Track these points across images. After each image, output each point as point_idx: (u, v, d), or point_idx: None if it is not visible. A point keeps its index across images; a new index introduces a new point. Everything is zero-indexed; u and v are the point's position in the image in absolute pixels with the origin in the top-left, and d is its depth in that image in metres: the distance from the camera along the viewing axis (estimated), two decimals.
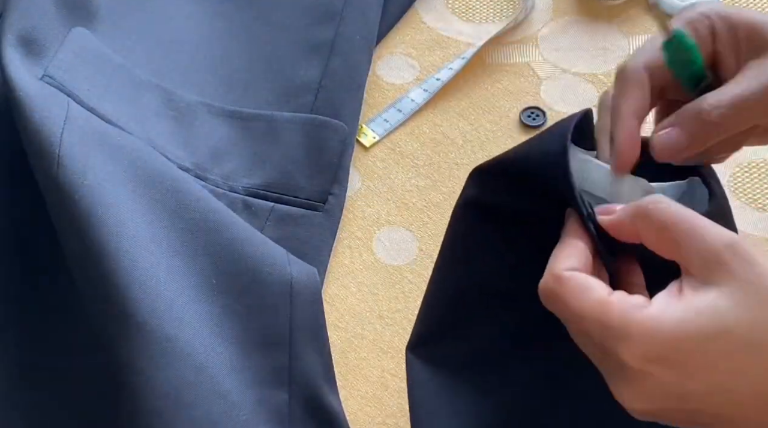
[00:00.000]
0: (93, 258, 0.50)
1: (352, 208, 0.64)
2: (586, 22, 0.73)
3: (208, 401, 0.48)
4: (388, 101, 0.69)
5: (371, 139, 0.67)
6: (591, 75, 0.70)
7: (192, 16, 0.70)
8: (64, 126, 0.54)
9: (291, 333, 0.53)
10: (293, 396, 0.52)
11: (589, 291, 0.41)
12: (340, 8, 0.70)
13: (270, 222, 0.61)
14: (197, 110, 0.64)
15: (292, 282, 0.54)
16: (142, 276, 0.50)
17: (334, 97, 0.66)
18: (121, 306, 0.49)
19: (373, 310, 0.59)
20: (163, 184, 0.55)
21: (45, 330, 0.56)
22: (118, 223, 0.51)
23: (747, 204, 0.62)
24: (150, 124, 0.61)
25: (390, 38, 0.72)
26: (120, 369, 0.49)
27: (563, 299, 0.42)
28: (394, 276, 0.61)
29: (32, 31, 0.59)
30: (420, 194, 0.64)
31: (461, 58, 0.70)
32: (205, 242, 0.53)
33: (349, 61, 0.67)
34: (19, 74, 0.56)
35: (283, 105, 0.66)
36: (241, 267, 0.53)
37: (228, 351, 0.51)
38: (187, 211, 0.54)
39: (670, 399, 0.40)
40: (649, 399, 0.41)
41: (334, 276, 0.61)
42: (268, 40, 0.69)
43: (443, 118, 0.68)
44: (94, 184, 0.52)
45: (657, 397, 0.40)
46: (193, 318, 0.50)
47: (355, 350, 0.58)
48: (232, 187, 0.61)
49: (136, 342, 0.48)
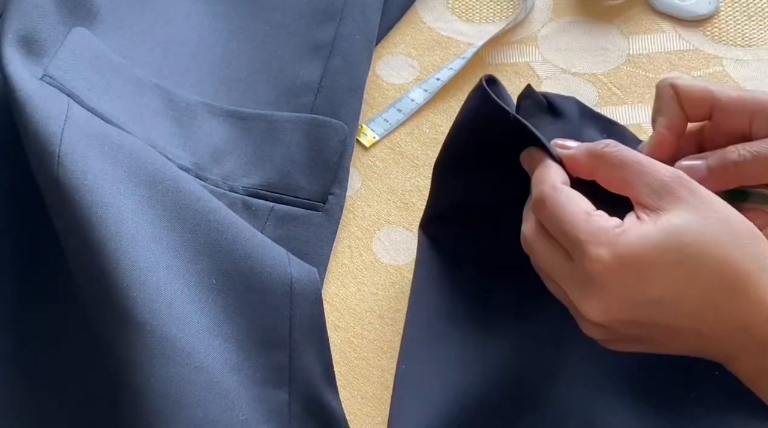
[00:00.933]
0: (93, 258, 0.50)
1: (352, 208, 0.64)
2: (586, 22, 0.73)
3: (208, 400, 0.48)
4: (388, 101, 0.69)
5: (371, 139, 0.67)
6: (591, 75, 0.70)
7: (192, 16, 0.70)
8: (64, 126, 0.54)
9: (291, 333, 0.53)
10: (293, 396, 0.52)
11: (578, 204, 0.48)
12: (340, 8, 0.70)
13: (270, 222, 0.61)
14: (197, 110, 0.64)
15: (292, 282, 0.54)
16: (142, 276, 0.50)
17: (334, 97, 0.66)
18: (121, 306, 0.49)
19: (373, 310, 0.59)
20: (164, 184, 0.55)
21: (44, 330, 0.56)
22: (118, 223, 0.51)
23: None
24: (150, 124, 0.61)
25: (390, 38, 0.72)
26: (120, 369, 0.49)
27: (558, 204, 0.48)
28: (394, 276, 0.61)
29: (32, 31, 0.59)
30: (420, 194, 0.64)
31: (461, 58, 0.70)
32: (205, 242, 0.53)
33: (349, 61, 0.67)
34: (19, 74, 0.55)
35: (283, 105, 0.66)
36: (241, 267, 0.53)
37: (228, 351, 0.51)
38: (188, 210, 0.54)
39: (628, 308, 0.46)
40: (607, 308, 0.46)
41: (334, 276, 0.61)
42: (268, 40, 0.69)
43: (443, 118, 0.68)
44: (94, 184, 0.52)
45: (615, 307, 0.46)
46: (193, 318, 0.50)
47: (355, 350, 0.58)
48: (232, 186, 0.62)
49: (136, 341, 0.48)
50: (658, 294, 0.46)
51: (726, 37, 0.72)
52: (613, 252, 0.45)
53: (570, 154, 0.51)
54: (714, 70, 0.70)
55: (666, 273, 0.45)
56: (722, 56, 0.70)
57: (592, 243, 0.46)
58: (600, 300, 0.46)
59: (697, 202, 0.46)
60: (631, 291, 0.46)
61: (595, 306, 0.47)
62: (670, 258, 0.45)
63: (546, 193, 0.49)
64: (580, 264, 0.47)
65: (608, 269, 0.45)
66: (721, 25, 0.72)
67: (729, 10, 0.73)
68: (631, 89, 0.69)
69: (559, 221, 0.48)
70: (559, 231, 0.48)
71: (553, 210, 0.48)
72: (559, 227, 0.48)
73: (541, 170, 0.50)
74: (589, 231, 0.46)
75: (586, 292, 0.47)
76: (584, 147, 0.50)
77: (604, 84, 0.69)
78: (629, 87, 0.69)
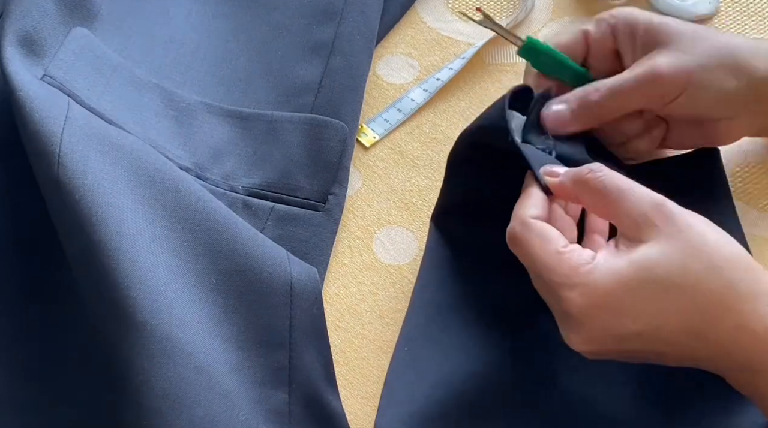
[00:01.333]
0: (93, 258, 0.50)
1: (352, 208, 0.64)
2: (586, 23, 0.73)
3: (208, 400, 0.48)
4: (388, 101, 0.69)
5: (371, 139, 0.67)
6: None
7: (192, 16, 0.70)
8: (64, 126, 0.54)
9: (291, 333, 0.53)
10: (293, 396, 0.52)
11: (549, 242, 0.48)
12: (340, 8, 0.69)
13: (270, 222, 0.61)
14: (197, 110, 0.64)
15: (292, 282, 0.54)
16: (142, 275, 0.50)
17: (334, 97, 0.66)
18: (121, 306, 0.49)
19: (373, 310, 0.59)
20: (164, 184, 0.55)
21: (45, 330, 0.56)
22: (118, 223, 0.51)
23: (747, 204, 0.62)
24: (150, 124, 0.61)
25: (390, 38, 0.72)
26: (120, 368, 0.49)
27: (528, 244, 0.48)
28: (394, 276, 0.61)
29: (32, 31, 0.59)
30: (420, 194, 0.64)
31: (461, 58, 0.70)
32: (205, 241, 0.53)
33: (349, 61, 0.67)
34: (19, 74, 0.56)
35: (283, 105, 0.66)
36: (241, 266, 0.53)
37: (228, 351, 0.51)
38: (188, 210, 0.54)
39: (609, 340, 0.46)
40: (590, 341, 0.47)
41: (334, 276, 0.61)
42: (268, 40, 0.69)
43: (443, 118, 0.68)
44: (94, 184, 0.52)
45: (597, 339, 0.47)
46: (193, 318, 0.50)
47: (355, 350, 0.58)
48: (232, 186, 0.62)
49: (136, 341, 0.48)
50: (636, 328, 0.46)
51: None
52: (584, 294, 0.46)
53: (557, 184, 0.51)
54: None
55: (640, 307, 0.45)
56: None
57: (564, 285, 0.46)
58: (580, 333, 0.47)
59: (674, 231, 0.46)
60: (609, 327, 0.46)
61: (577, 339, 0.48)
62: (643, 293, 0.45)
63: (516, 231, 0.49)
64: (558, 303, 0.47)
65: (582, 310, 0.46)
66: (721, 25, 0.72)
67: (729, 10, 0.73)
68: None
69: (531, 261, 0.48)
70: (532, 270, 0.49)
71: (525, 249, 0.48)
72: (532, 267, 0.49)
73: (520, 201, 0.51)
74: (560, 273, 0.47)
75: (567, 325, 0.48)
76: (570, 173, 0.50)
77: None
78: None
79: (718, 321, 0.45)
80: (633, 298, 0.45)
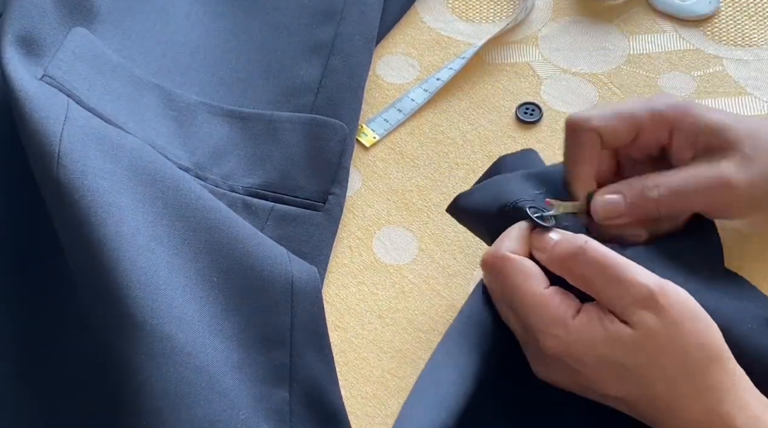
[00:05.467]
0: (93, 258, 0.50)
1: (352, 208, 0.64)
2: (586, 22, 0.73)
3: (208, 400, 0.48)
4: (388, 101, 0.69)
5: (371, 139, 0.67)
6: (591, 75, 0.70)
7: (192, 16, 0.70)
8: (63, 126, 0.54)
9: (292, 332, 0.53)
10: (294, 395, 0.52)
11: (531, 280, 0.49)
12: (340, 8, 0.70)
13: (270, 222, 0.61)
14: (197, 110, 0.64)
15: (293, 281, 0.54)
16: (142, 275, 0.50)
17: (334, 97, 0.66)
18: (121, 306, 0.49)
19: (373, 310, 0.59)
20: (164, 184, 0.55)
21: (45, 330, 0.56)
22: (118, 223, 0.51)
23: None
24: (150, 124, 0.61)
25: (390, 38, 0.72)
26: (120, 368, 0.49)
27: (509, 276, 0.49)
28: (394, 276, 0.61)
29: (32, 31, 0.59)
30: (420, 194, 0.64)
31: (461, 58, 0.70)
32: (205, 241, 0.53)
33: (349, 61, 0.67)
34: (19, 74, 0.56)
35: (283, 105, 0.66)
36: (241, 265, 0.53)
37: (228, 350, 0.51)
38: (188, 209, 0.54)
39: (574, 386, 0.50)
40: (554, 375, 0.50)
41: (334, 276, 0.61)
42: (268, 40, 0.69)
43: (443, 118, 0.68)
44: (93, 184, 0.52)
45: (561, 376, 0.50)
46: (193, 317, 0.50)
47: (355, 350, 0.58)
48: (232, 186, 0.61)
49: (136, 341, 0.48)
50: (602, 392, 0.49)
51: (726, 37, 0.72)
52: (560, 346, 0.48)
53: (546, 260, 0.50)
54: (714, 70, 0.70)
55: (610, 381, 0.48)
56: (722, 56, 0.70)
57: (542, 332, 0.48)
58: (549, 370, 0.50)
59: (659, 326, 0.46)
60: (576, 379, 0.49)
61: (546, 373, 0.51)
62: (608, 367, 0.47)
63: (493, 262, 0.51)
64: (532, 338, 0.49)
65: (555, 356, 0.48)
66: (721, 25, 0.72)
67: (729, 10, 0.73)
68: (631, 89, 0.69)
69: (509, 296, 0.50)
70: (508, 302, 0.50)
71: (504, 280, 0.50)
72: (510, 301, 0.50)
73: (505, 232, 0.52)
74: (540, 319, 0.48)
75: (536, 358, 0.51)
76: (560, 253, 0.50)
77: (604, 84, 0.69)
78: (629, 87, 0.69)
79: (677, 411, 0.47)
80: (599, 364, 0.47)
